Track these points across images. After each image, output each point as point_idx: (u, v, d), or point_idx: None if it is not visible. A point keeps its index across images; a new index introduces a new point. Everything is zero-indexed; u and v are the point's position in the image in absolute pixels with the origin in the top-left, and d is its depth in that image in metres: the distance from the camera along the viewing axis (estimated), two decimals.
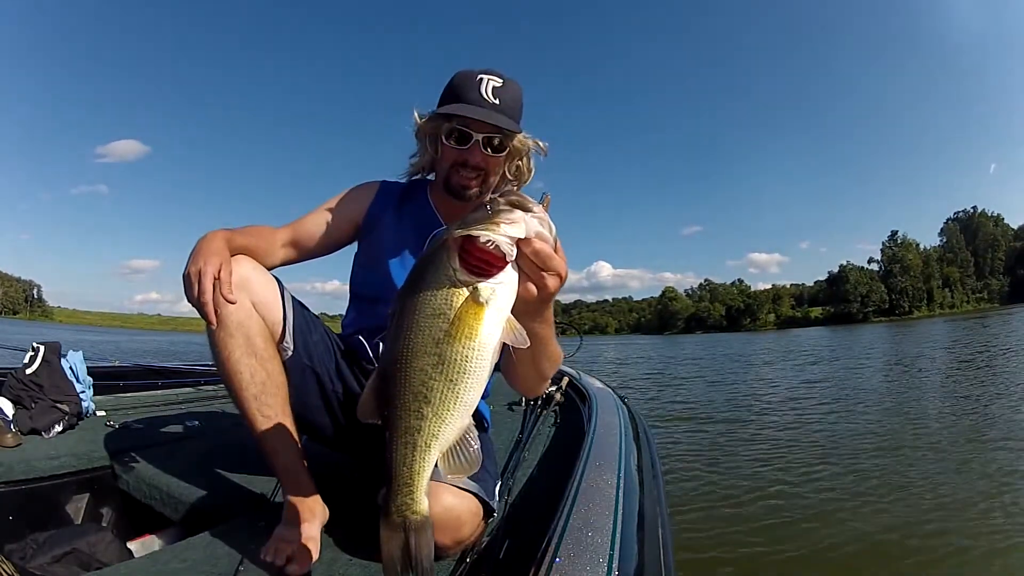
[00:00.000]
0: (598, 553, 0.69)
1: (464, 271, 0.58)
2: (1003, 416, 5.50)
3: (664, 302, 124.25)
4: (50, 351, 1.78)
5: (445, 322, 0.58)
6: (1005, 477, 3.55)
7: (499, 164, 1.17)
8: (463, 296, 0.58)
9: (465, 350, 0.58)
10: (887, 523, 2.90)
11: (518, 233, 0.60)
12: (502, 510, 1.09)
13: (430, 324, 0.58)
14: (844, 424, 5.60)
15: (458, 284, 0.58)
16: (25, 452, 1.41)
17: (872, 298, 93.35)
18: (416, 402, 0.59)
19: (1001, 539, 2.64)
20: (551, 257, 0.63)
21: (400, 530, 0.64)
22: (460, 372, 0.58)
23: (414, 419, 0.60)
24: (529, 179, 1.26)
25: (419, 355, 0.59)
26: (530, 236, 0.61)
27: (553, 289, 0.66)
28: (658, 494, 1.07)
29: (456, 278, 0.58)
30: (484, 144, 1.12)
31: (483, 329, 0.58)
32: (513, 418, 2.06)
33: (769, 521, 2.96)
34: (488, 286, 0.59)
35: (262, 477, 1.29)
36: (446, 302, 0.58)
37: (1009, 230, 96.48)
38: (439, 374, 0.58)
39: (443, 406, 0.59)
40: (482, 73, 1.12)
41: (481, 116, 1.08)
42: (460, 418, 0.61)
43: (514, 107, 1.14)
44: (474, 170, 1.14)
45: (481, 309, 0.58)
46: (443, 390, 0.59)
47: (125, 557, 1.14)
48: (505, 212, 0.60)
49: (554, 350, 0.90)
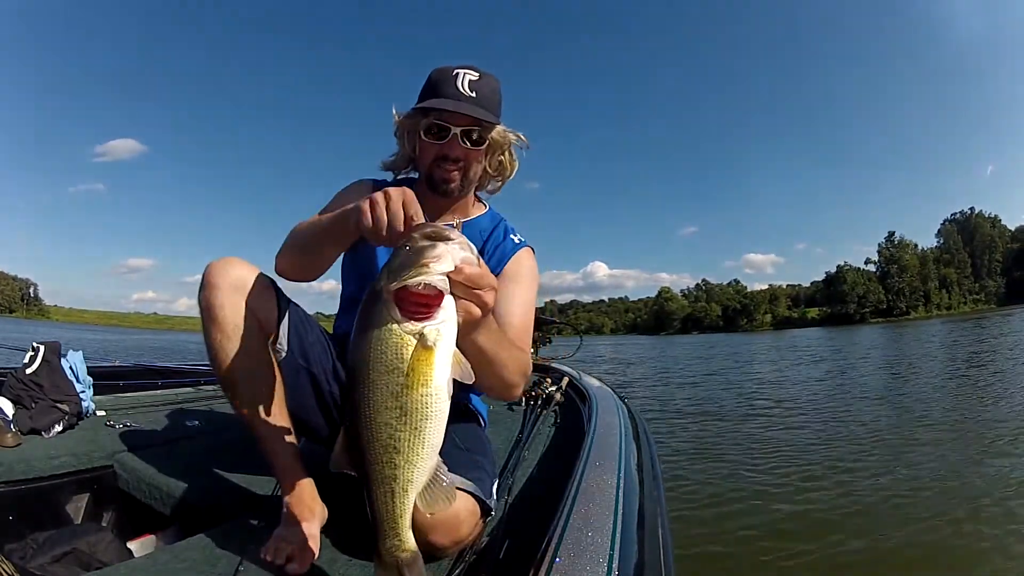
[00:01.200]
0: (598, 553, 0.69)
1: (407, 319, 0.60)
2: (1003, 415, 5.52)
3: (660, 302, 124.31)
4: (50, 351, 1.78)
5: (400, 375, 0.60)
6: (1004, 476, 3.57)
7: (479, 157, 1.18)
8: (412, 344, 0.60)
9: (424, 397, 0.61)
10: (887, 523, 2.91)
11: (447, 267, 0.62)
12: (502, 509, 1.09)
13: (387, 380, 0.60)
14: (844, 424, 5.62)
15: (404, 334, 0.60)
16: (25, 452, 1.41)
17: (869, 299, 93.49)
18: (387, 453, 0.62)
19: (1000, 539, 2.65)
20: (482, 276, 0.66)
21: (393, 569, 0.68)
22: (422, 418, 0.61)
23: (388, 469, 0.62)
24: (512, 173, 1.26)
25: (381, 411, 0.61)
26: (458, 265, 0.63)
27: (492, 303, 0.69)
28: (658, 494, 1.08)
29: (402, 329, 0.60)
30: (463, 137, 1.12)
31: (436, 372, 0.61)
32: (513, 417, 2.07)
33: (769, 521, 2.97)
34: (433, 328, 0.61)
35: (262, 477, 1.29)
36: (397, 355, 0.60)
37: (1006, 231, 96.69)
38: (403, 425, 0.61)
39: (412, 452, 0.62)
40: (459, 68, 1.12)
41: (457, 108, 1.08)
42: (430, 459, 0.64)
43: (492, 100, 1.14)
44: (454, 163, 1.15)
45: (431, 353, 0.61)
46: (410, 438, 0.61)
47: (125, 557, 1.14)
48: (428, 250, 0.61)
49: (508, 356, 0.92)
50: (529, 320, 1.16)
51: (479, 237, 1.24)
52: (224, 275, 0.99)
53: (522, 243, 1.25)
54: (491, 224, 1.27)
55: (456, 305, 0.64)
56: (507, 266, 1.20)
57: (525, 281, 1.20)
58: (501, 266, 1.19)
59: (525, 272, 1.21)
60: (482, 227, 1.26)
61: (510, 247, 1.23)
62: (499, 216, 1.31)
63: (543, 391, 2.17)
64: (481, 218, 1.28)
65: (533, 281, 1.22)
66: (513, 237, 1.25)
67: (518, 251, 1.23)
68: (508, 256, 1.21)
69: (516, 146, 1.23)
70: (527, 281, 1.20)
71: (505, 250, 1.22)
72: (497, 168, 1.23)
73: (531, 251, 1.26)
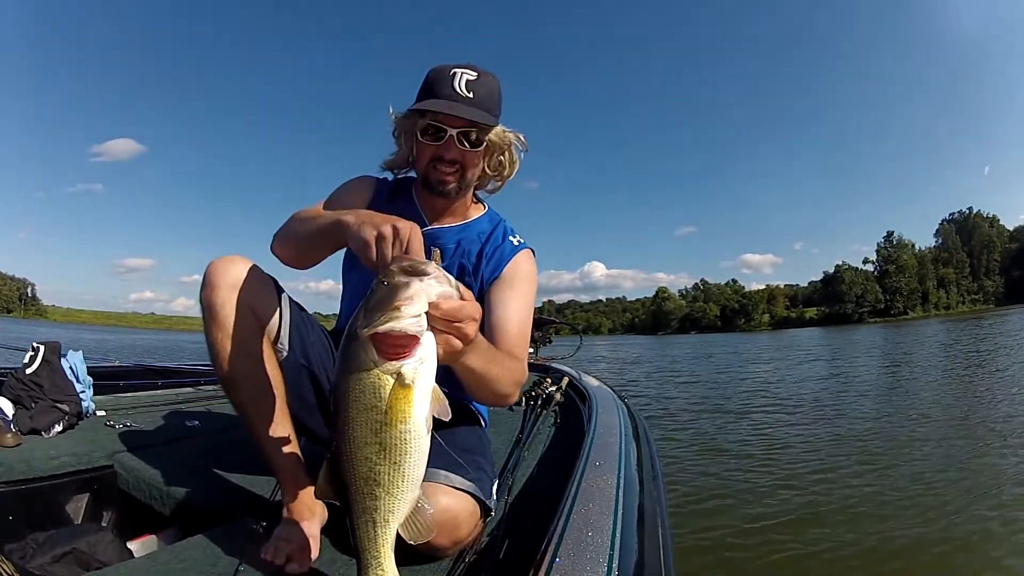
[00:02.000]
0: (598, 553, 0.70)
1: (384, 360, 0.61)
2: (1001, 415, 5.53)
3: (658, 302, 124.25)
4: (50, 351, 1.77)
5: (379, 413, 0.62)
6: (1003, 476, 3.58)
7: (477, 158, 1.16)
8: (390, 383, 0.62)
9: (402, 433, 0.62)
10: (887, 522, 2.91)
11: (420, 308, 0.62)
12: (502, 510, 1.10)
13: (366, 417, 0.62)
14: (843, 422, 5.63)
15: (382, 374, 0.62)
16: (25, 452, 1.40)
17: (867, 299, 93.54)
18: (368, 486, 0.64)
19: (998, 538, 2.66)
20: (461, 309, 0.65)
21: None
22: (402, 453, 0.63)
23: (369, 500, 0.64)
24: (512, 172, 1.24)
25: (361, 446, 0.63)
26: (434, 301, 0.63)
27: (473, 333, 0.69)
28: (658, 494, 1.08)
29: (380, 370, 0.62)
30: (459, 139, 1.10)
31: (414, 410, 0.62)
32: (513, 418, 2.07)
33: (770, 520, 2.97)
34: (411, 367, 0.62)
35: (262, 477, 1.29)
36: (375, 394, 0.62)
37: (1005, 231, 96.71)
38: (383, 459, 0.63)
39: (392, 485, 0.64)
40: (456, 68, 1.10)
41: (453, 111, 1.06)
42: (411, 491, 0.65)
43: (490, 100, 1.12)
44: (450, 165, 1.13)
45: (409, 391, 0.62)
46: (390, 472, 0.63)
47: (125, 557, 1.14)
48: (402, 290, 0.62)
49: (499, 371, 0.92)
50: (526, 326, 1.15)
51: (477, 240, 1.22)
52: (225, 274, 0.99)
53: (521, 245, 1.24)
54: (490, 226, 1.26)
55: (436, 338, 0.65)
56: (505, 270, 1.18)
57: (523, 286, 1.18)
58: (499, 269, 1.18)
59: (523, 277, 1.20)
60: (480, 229, 1.25)
61: (508, 250, 1.21)
62: (498, 217, 1.30)
63: (543, 391, 2.17)
64: (479, 220, 1.27)
65: (531, 285, 1.21)
66: (512, 239, 1.24)
67: (517, 254, 1.21)
68: (507, 259, 1.20)
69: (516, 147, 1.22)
70: (525, 286, 1.19)
71: (504, 253, 1.21)
72: (496, 168, 1.22)
73: (531, 253, 1.24)
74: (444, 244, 1.21)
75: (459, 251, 1.22)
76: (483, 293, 1.18)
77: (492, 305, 1.14)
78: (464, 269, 1.21)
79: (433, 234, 1.21)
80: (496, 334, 1.10)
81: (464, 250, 1.22)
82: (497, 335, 1.10)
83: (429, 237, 1.20)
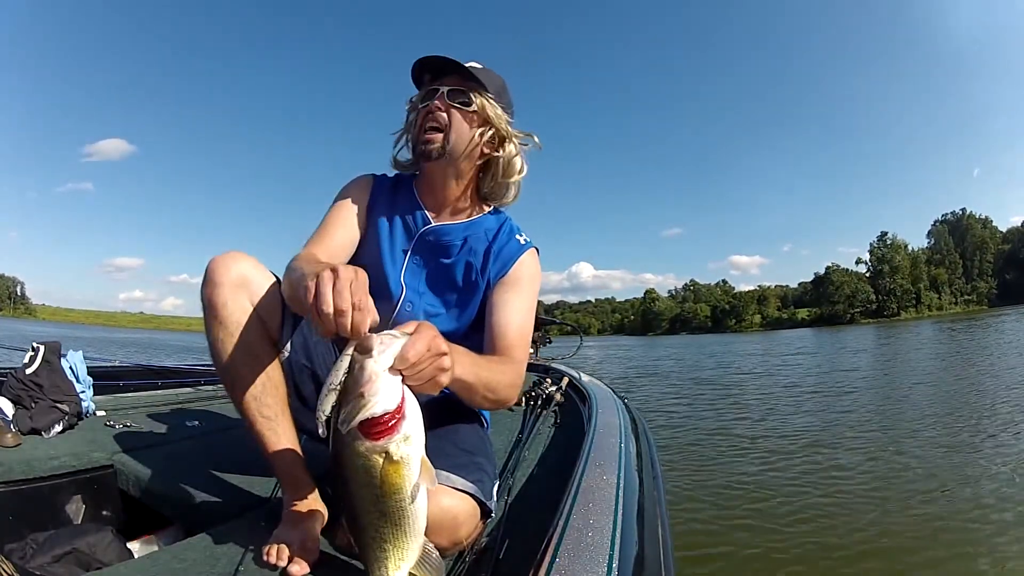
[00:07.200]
0: (598, 553, 0.70)
1: (372, 442, 0.66)
2: (1000, 415, 5.57)
3: (647, 303, 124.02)
4: (50, 351, 1.77)
5: (375, 488, 0.68)
6: (1000, 475, 3.61)
7: (465, 121, 1.13)
8: (380, 461, 0.67)
9: (399, 501, 0.69)
10: (887, 522, 2.94)
11: (384, 383, 0.65)
12: (502, 510, 1.10)
13: (365, 492, 0.69)
14: (843, 423, 5.67)
15: (371, 454, 0.66)
16: (25, 452, 1.40)
17: (858, 299, 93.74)
18: (376, 543, 0.72)
19: (996, 537, 2.69)
20: (425, 354, 0.68)
21: None
22: (401, 516, 0.70)
23: (379, 552, 0.72)
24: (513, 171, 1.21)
25: (364, 515, 0.71)
26: (399, 358, 0.66)
27: (448, 366, 0.72)
28: (658, 494, 1.09)
29: (368, 451, 0.66)
30: (449, 96, 1.12)
31: (406, 481, 0.68)
32: (513, 418, 2.07)
33: (770, 520, 2.99)
34: (396, 444, 0.66)
35: (262, 477, 1.29)
36: (368, 473, 0.67)
37: (998, 233, 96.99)
38: (385, 523, 0.70)
39: (397, 541, 0.71)
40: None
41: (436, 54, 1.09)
42: (415, 541, 0.73)
43: (491, 82, 1.14)
44: (436, 122, 1.12)
45: (399, 465, 0.67)
46: (393, 532, 0.71)
47: (125, 557, 1.14)
48: (359, 376, 0.65)
49: (494, 378, 0.93)
50: (527, 328, 1.15)
51: (484, 237, 1.21)
52: (228, 271, 0.98)
53: (527, 244, 1.23)
54: (496, 223, 1.24)
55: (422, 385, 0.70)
56: (511, 270, 1.18)
57: (527, 287, 1.18)
58: (506, 269, 1.18)
59: (528, 277, 1.20)
60: (487, 226, 1.23)
61: (515, 249, 1.21)
62: (504, 215, 1.28)
63: (543, 391, 2.17)
64: (486, 217, 1.25)
65: (535, 286, 1.21)
66: (518, 238, 1.23)
67: (523, 253, 1.21)
68: (513, 259, 1.19)
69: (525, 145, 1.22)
70: (528, 287, 1.19)
71: (510, 252, 1.20)
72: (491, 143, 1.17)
73: (535, 252, 1.24)
74: (451, 241, 1.21)
75: (466, 248, 1.21)
76: (488, 292, 1.18)
77: (495, 306, 1.15)
78: (471, 267, 1.20)
79: (441, 230, 1.21)
80: (497, 336, 1.11)
81: (471, 248, 1.21)
82: (498, 337, 1.10)
83: (437, 233, 1.21)
